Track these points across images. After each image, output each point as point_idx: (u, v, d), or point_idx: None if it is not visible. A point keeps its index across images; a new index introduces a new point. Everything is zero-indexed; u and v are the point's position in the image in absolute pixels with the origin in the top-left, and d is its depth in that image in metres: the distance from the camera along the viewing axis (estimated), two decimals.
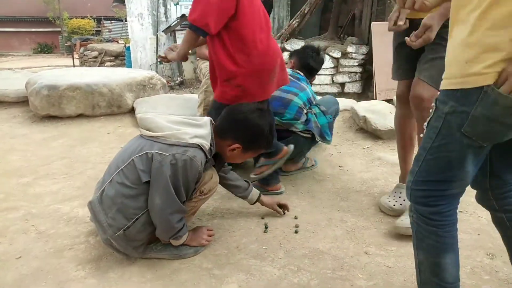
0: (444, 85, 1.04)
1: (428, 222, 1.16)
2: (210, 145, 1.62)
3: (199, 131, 1.62)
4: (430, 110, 1.09)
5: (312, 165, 2.67)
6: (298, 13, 8.38)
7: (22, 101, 3.95)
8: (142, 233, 1.62)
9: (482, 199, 1.33)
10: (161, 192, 1.54)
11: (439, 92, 1.07)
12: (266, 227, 1.96)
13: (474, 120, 0.97)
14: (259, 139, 1.72)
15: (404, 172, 2.16)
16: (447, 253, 1.17)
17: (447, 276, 1.18)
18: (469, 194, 2.32)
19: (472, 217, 2.08)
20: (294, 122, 2.32)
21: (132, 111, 3.73)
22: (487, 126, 0.98)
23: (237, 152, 1.71)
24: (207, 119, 1.71)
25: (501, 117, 0.95)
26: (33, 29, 23.83)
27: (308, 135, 2.36)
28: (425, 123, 1.12)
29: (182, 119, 1.68)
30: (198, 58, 3.33)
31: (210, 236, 1.82)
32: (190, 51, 2.08)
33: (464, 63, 0.96)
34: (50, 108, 3.53)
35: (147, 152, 1.56)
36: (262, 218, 2.06)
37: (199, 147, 1.58)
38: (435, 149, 1.08)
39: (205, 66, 3.08)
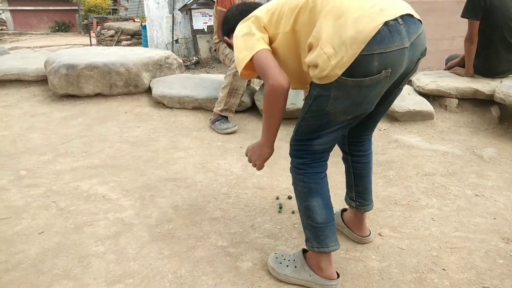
0: (313, 81, 1.32)
1: (297, 171, 1.45)
2: None
3: None
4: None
5: None
6: None
7: (41, 80, 4.00)
8: None
9: (339, 142, 1.68)
10: None
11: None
12: (280, 207, 1.98)
13: (333, 100, 1.27)
14: None
15: None
16: (313, 197, 1.43)
17: (317, 217, 1.43)
18: (486, 178, 2.31)
19: (488, 201, 2.06)
20: None
21: (148, 90, 3.76)
22: (343, 104, 1.27)
23: None
24: None
25: (350, 95, 1.25)
26: (50, 8, 23.89)
27: None
28: (303, 98, 1.49)
29: None
30: (219, 40, 3.29)
31: None
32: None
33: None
34: (69, 87, 3.57)
35: None
36: (277, 198, 2.08)
37: None
38: (306, 119, 1.39)
39: (230, 50, 3.07)
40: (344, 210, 1.81)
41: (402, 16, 1.20)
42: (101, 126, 3.08)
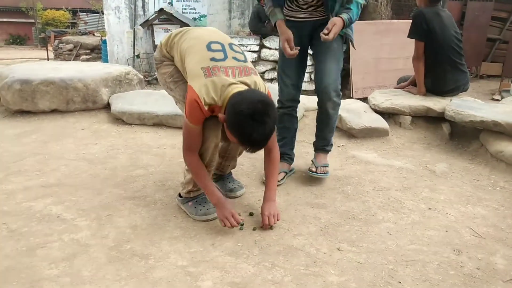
0: None
1: None
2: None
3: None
4: None
5: (291, 170, 2.63)
6: None
7: None
8: None
9: None
10: None
11: None
12: (241, 225, 1.98)
13: None
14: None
15: None
16: None
17: None
18: (439, 192, 2.41)
19: (441, 214, 2.15)
20: None
21: (107, 106, 3.69)
22: None
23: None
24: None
25: None
26: (4, 19, 23.06)
27: None
28: None
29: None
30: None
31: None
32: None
33: None
34: (23, 103, 3.45)
35: None
36: (239, 215, 2.07)
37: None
38: None
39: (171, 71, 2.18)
40: None
41: None
42: (56, 144, 2.98)
